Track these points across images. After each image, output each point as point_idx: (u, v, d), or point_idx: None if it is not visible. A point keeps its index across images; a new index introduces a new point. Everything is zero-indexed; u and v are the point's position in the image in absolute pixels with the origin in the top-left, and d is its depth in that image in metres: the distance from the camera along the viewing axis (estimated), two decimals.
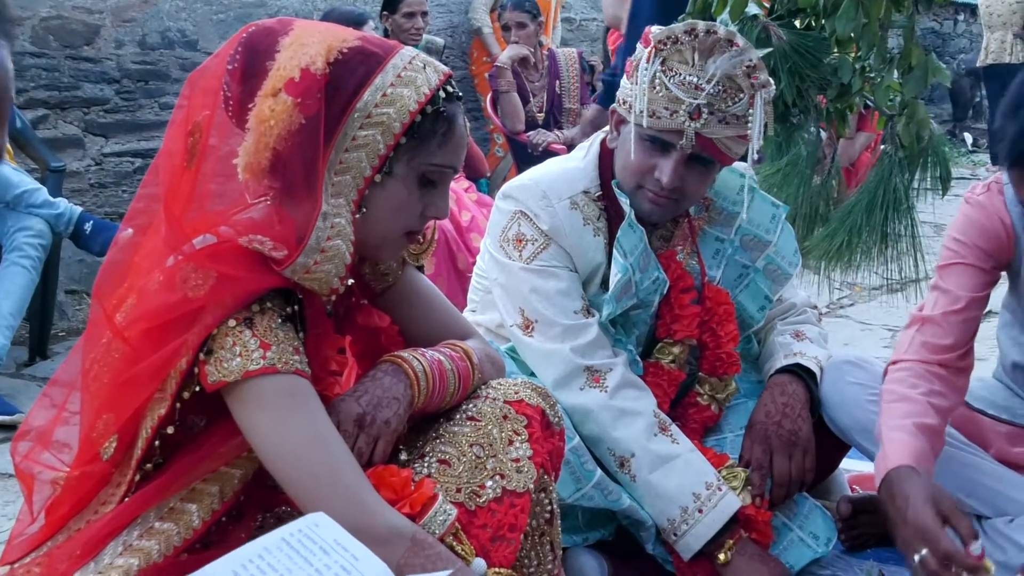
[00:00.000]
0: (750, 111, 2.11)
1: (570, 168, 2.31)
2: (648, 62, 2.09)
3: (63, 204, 3.94)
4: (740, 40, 2.09)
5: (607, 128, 2.30)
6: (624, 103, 2.18)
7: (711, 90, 2.06)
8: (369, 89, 1.50)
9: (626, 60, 3.23)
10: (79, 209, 3.99)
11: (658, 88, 2.09)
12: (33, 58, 4.77)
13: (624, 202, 2.20)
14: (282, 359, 1.44)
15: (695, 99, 2.07)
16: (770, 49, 2.54)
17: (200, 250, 1.46)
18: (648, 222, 2.25)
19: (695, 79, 2.07)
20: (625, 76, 2.20)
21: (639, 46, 2.16)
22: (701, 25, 2.07)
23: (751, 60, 2.08)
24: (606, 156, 2.30)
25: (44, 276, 3.91)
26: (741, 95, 2.09)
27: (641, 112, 2.09)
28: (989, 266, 2.11)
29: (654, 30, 2.12)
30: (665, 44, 2.08)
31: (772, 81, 2.15)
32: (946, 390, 2.06)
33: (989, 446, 2.25)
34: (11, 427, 3.25)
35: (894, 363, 2.13)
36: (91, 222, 3.96)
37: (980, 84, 10.39)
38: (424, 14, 5.58)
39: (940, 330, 2.09)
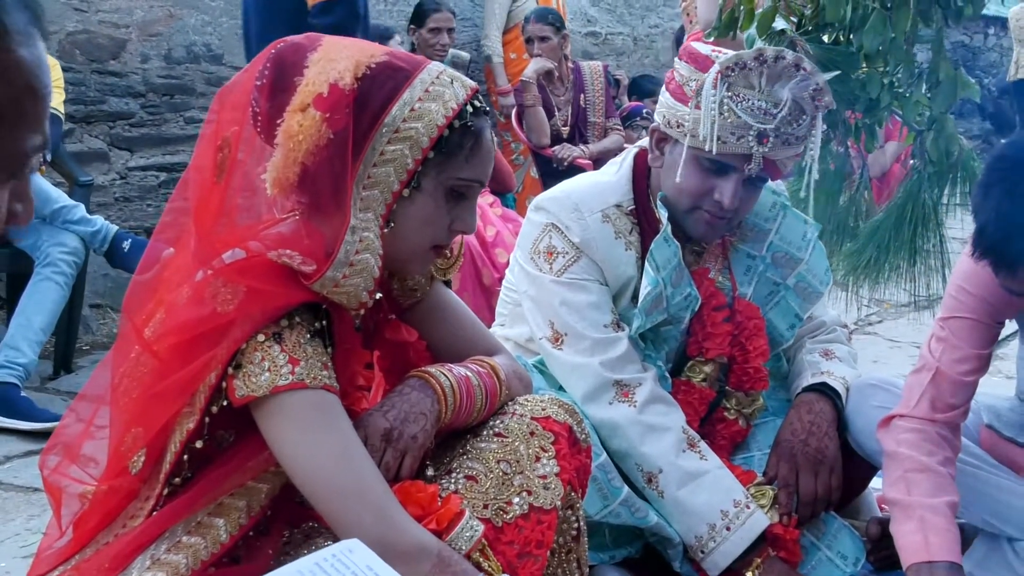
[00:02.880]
0: (811, 132, 2.12)
1: (603, 181, 2.30)
2: (715, 88, 2.06)
3: (100, 222, 3.96)
4: (807, 64, 2.08)
5: (641, 143, 2.29)
6: (678, 126, 2.15)
7: (781, 115, 2.06)
8: (397, 104, 1.51)
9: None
10: (115, 227, 4.01)
11: (726, 114, 2.07)
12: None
13: (663, 215, 2.19)
14: (311, 374, 1.44)
15: (764, 124, 2.06)
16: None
17: (229, 265, 1.46)
18: (701, 242, 2.25)
19: (763, 104, 2.06)
20: (671, 97, 2.18)
21: (689, 68, 2.14)
22: (769, 51, 2.06)
23: (818, 84, 2.08)
24: (640, 170, 2.30)
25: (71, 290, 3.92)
26: (805, 117, 2.10)
27: (706, 138, 2.07)
28: (995, 321, 2.08)
29: (713, 55, 2.10)
30: (733, 70, 2.06)
31: (833, 101, 2.15)
32: (952, 454, 2.08)
33: (1020, 470, 2.22)
34: (45, 435, 3.25)
35: (901, 416, 2.11)
36: (129, 240, 3.98)
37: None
38: (451, 31, 5.61)
39: (949, 388, 2.07)
